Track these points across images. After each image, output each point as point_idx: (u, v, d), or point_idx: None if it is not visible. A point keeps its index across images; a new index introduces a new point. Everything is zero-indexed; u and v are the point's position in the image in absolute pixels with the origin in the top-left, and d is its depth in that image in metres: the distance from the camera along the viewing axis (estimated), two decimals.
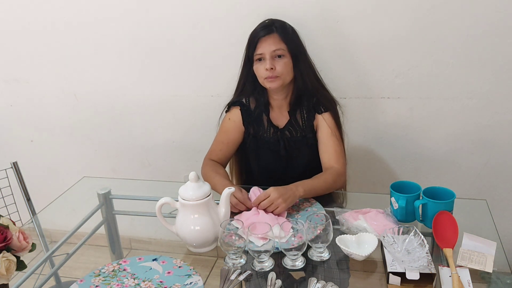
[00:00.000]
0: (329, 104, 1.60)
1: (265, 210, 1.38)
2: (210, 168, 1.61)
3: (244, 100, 1.64)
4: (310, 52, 1.62)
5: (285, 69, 1.51)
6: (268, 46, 1.50)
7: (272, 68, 1.49)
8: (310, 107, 1.60)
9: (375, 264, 1.23)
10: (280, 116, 1.64)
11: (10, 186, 1.80)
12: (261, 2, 1.75)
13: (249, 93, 1.64)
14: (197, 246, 1.29)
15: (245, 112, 1.64)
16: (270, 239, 1.19)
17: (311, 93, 1.59)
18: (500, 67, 1.70)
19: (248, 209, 1.41)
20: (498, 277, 1.13)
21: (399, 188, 1.35)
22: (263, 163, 1.68)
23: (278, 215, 1.38)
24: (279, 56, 1.51)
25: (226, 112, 1.68)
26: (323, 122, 1.59)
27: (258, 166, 1.69)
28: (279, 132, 1.63)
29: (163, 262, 1.24)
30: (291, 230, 1.23)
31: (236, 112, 1.65)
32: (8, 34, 2.07)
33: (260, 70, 1.52)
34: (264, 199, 1.37)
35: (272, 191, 1.37)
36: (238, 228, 1.32)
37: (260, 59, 1.52)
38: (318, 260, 1.23)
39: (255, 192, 1.46)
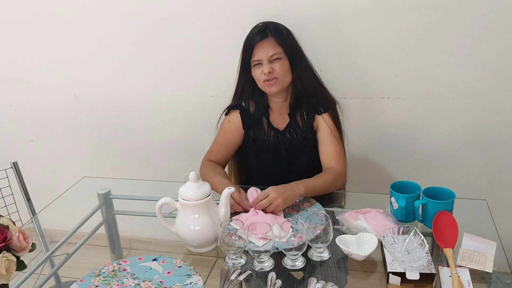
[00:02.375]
0: (329, 104, 1.60)
1: (264, 210, 1.38)
2: (209, 168, 1.61)
3: (243, 104, 1.64)
4: (310, 52, 1.62)
5: (282, 70, 1.51)
6: (265, 52, 1.49)
7: (270, 72, 1.49)
8: (310, 107, 1.60)
9: (375, 264, 1.23)
10: (280, 118, 1.63)
11: (10, 186, 1.80)
12: (261, 2, 1.75)
13: (248, 97, 1.63)
14: (197, 246, 1.29)
15: (244, 116, 1.63)
16: (270, 239, 1.19)
17: (310, 94, 1.59)
18: (500, 67, 1.70)
19: (245, 210, 1.41)
20: (498, 277, 1.13)
21: (399, 188, 1.35)
22: (264, 166, 1.67)
23: (277, 214, 1.38)
24: (276, 59, 1.50)
25: (225, 115, 1.68)
26: (322, 122, 1.59)
27: (259, 168, 1.69)
28: (279, 134, 1.62)
29: (163, 262, 1.24)
30: (291, 230, 1.23)
31: (235, 115, 1.64)
32: (8, 34, 2.07)
33: (258, 74, 1.52)
34: (263, 199, 1.37)
35: (271, 190, 1.37)
36: (237, 229, 1.31)
37: (257, 64, 1.52)
38: (318, 260, 1.23)
39: (252, 192, 1.46)
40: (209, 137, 1.74)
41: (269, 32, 1.50)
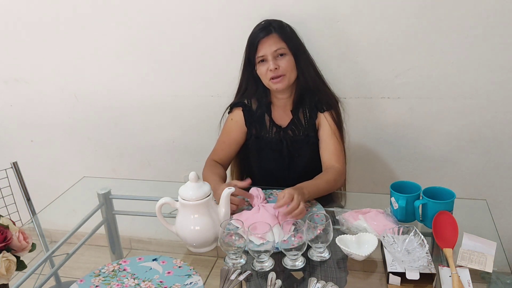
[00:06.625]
0: (331, 102, 1.60)
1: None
2: (208, 168, 1.62)
3: (246, 101, 1.65)
4: (310, 52, 1.62)
5: (288, 66, 1.52)
6: (269, 47, 1.50)
7: (276, 68, 1.49)
8: (313, 105, 1.60)
9: (375, 264, 1.23)
10: (283, 115, 1.64)
11: (10, 186, 1.80)
12: (261, 2, 1.75)
13: (251, 95, 1.64)
14: (197, 246, 1.29)
15: (247, 113, 1.64)
16: (268, 240, 1.19)
17: (313, 91, 1.59)
18: (500, 67, 1.70)
19: (250, 206, 1.41)
20: (498, 277, 1.13)
21: (399, 188, 1.35)
22: (265, 163, 1.68)
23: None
24: (281, 55, 1.51)
25: (228, 113, 1.69)
26: (324, 120, 1.59)
27: (260, 166, 1.69)
28: (281, 131, 1.63)
29: (163, 262, 1.24)
30: (292, 228, 1.23)
31: (238, 113, 1.65)
32: (8, 34, 2.07)
33: (264, 71, 1.52)
34: (287, 202, 1.30)
35: (295, 197, 1.30)
36: (238, 227, 1.31)
37: (262, 61, 1.53)
38: (318, 260, 1.23)
39: (254, 192, 1.46)
40: (209, 137, 1.74)
41: (272, 28, 1.52)
